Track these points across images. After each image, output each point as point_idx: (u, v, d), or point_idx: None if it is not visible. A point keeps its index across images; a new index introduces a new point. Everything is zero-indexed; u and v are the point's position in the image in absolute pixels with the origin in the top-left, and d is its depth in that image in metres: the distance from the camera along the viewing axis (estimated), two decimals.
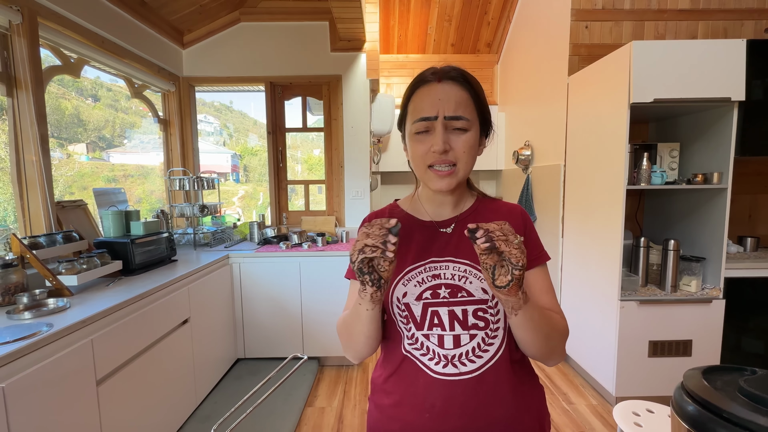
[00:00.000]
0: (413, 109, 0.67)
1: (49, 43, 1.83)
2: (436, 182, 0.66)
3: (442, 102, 0.64)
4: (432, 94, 0.65)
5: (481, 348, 0.66)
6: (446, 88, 0.65)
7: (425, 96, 0.65)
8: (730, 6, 2.34)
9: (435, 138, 0.64)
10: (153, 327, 1.60)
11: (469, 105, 0.65)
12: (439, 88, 0.65)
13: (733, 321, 1.97)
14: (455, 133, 0.65)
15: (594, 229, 2.14)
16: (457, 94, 0.65)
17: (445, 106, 0.64)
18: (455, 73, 0.66)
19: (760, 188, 2.47)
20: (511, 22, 3.36)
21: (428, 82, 0.66)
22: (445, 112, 0.63)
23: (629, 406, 1.34)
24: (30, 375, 1.03)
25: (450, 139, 0.64)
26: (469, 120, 0.65)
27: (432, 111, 0.64)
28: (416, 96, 0.67)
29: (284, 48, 2.88)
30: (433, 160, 0.65)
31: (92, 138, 2.49)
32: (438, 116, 0.64)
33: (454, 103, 0.64)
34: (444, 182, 0.66)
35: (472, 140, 0.65)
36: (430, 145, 0.64)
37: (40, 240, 1.56)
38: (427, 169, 0.66)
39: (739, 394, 0.48)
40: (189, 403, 1.90)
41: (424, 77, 0.67)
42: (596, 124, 2.10)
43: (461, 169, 0.66)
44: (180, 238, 2.68)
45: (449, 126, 0.64)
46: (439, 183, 0.66)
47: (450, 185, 0.66)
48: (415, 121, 0.66)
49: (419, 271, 0.68)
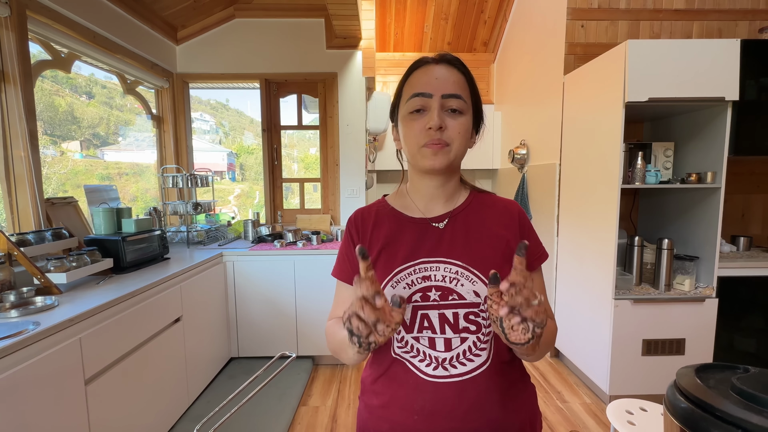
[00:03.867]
0: (409, 89, 0.66)
1: (39, 38, 1.80)
2: (429, 159, 0.64)
3: (439, 81, 0.63)
4: (429, 73, 0.65)
5: (472, 351, 0.64)
6: (443, 70, 0.65)
7: (422, 75, 0.65)
8: (725, 6, 2.35)
9: (430, 114, 0.63)
10: (144, 325, 1.58)
11: (465, 88, 0.65)
12: (437, 68, 0.65)
13: (725, 320, 1.98)
14: (450, 114, 0.64)
15: (589, 228, 2.14)
16: (454, 75, 0.65)
17: (442, 85, 0.63)
18: (451, 57, 0.67)
19: (753, 188, 2.48)
20: (508, 20, 3.36)
21: (425, 64, 0.66)
22: (443, 90, 0.63)
23: (623, 404, 1.34)
24: (16, 374, 1.01)
25: (445, 119, 0.63)
26: (465, 103, 0.64)
27: (428, 88, 0.63)
28: (412, 77, 0.67)
29: (279, 45, 2.86)
30: (427, 139, 0.63)
31: (86, 135, 2.45)
32: (434, 94, 0.63)
33: (452, 83, 0.64)
34: (437, 158, 0.64)
35: (466, 124, 0.65)
36: (425, 123, 0.63)
37: (28, 237, 1.54)
38: (421, 147, 0.64)
39: (731, 392, 0.47)
40: (181, 402, 1.88)
41: (421, 60, 0.67)
42: (591, 123, 2.10)
43: (453, 149, 0.64)
44: (173, 236, 2.65)
45: (445, 106, 0.63)
46: (432, 159, 0.64)
47: (442, 163, 0.64)
48: (410, 97, 0.65)
49: (409, 273, 0.66)
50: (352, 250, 0.72)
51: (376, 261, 0.68)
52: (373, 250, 0.69)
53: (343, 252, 0.74)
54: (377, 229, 0.71)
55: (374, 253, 0.69)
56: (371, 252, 0.70)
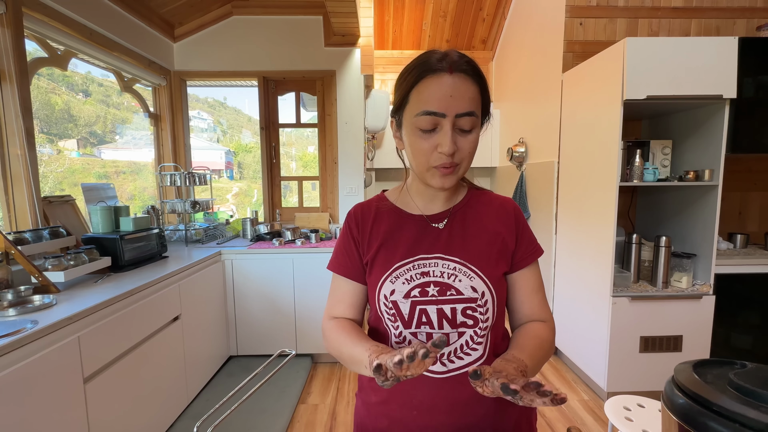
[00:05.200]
0: (418, 100, 0.60)
1: (35, 35, 1.79)
2: (438, 180, 0.63)
3: (453, 99, 0.58)
4: (442, 87, 0.59)
5: (469, 346, 0.65)
6: (458, 83, 0.59)
7: (435, 88, 0.59)
8: (723, 4, 2.36)
9: (443, 138, 0.59)
10: (142, 324, 1.57)
11: (478, 101, 0.61)
12: (450, 81, 0.59)
13: (722, 316, 1.99)
14: (461, 133, 0.61)
15: (587, 226, 2.15)
16: (469, 89, 0.59)
17: (457, 104, 0.58)
18: (467, 66, 0.60)
19: (751, 185, 2.50)
20: (506, 18, 3.35)
21: (437, 72, 0.59)
22: (457, 110, 0.59)
23: (620, 400, 1.35)
24: (14, 373, 1.01)
25: (457, 139, 0.60)
26: (478, 117, 0.62)
27: (441, 107, 0.58)
28: (422, 85, 0.60)
29: (277, 42, 2.85)
30: (438, 163, 0.61)
31: (83, 134, 2.44)
32: (447, 114, 0.58)
33: (467, 100, 0.59)
34: (447, 180, 0.63)
35: (476, 140, 0.63)
36: (436, 145, 0.60)
37: (25, 236, 1.53)
38: (431, 167, 0.62)
39: (729, 387, 0.48)
40: (180, 400, 1.88)
41: (432, 65, 0.60)
42: (590, 121, 2.10)
43: (462, 167, 0.64)
44: (171, 234, 2.65)
45: (457, 125, 0.60)
46: (442, 181, 0.63)
47: (451, 183, 0.64)
48: (420, 113, 0.60)
49: (408, 268, 0.66)
50: (351, 245, 0.72)
51: (376, 256, 0.69)
52: (372, 246, 0.70)
53: (342, 246, 0.73)
54: (377, 224, 0.71)
55: (373, 249, 0.69)
56: (370, 247, 0.70)
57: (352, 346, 0.62)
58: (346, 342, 0.64)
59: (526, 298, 0.70)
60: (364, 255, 0.71)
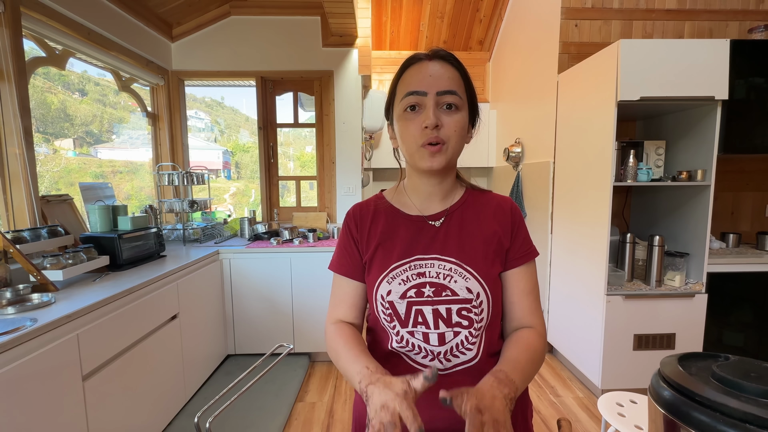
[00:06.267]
0: (402, 89, 0.65)
1: (33, 34, 1.79)
2: (427, 160, 0.64)
3: (433, 78, 0.62)
4: (422, 70, 0.64)
5: (464, 345, 0.66)
6: (437, 66, 0.64)
7: (415, 73, 0.64)
8: (716, 7, 2.39)
9: (426, 112, 0.62)
10: (141, 322, 1.58)
11: (460, 84, 0.64)
12: (430, 65, 0.64)
13: (714, 315, 2.02)
14: (446, 111, 0.63)
15: (582, 225, 2.17)
16: (449, 71, 0.64)
17: (436, 82, 0.62)
18: (444, 53, 0.65)
19: (743, 185, 2.53)
20: (503, 19, 3.38)
21: (418, 61, 0.65)
22: (437, 88, 0.62)
23: (613, 397, 1.37)
24: (13, 370, 1.02)
25: (440, 116, 0.62)
26: (461, 98, 0.64)
27: (422, 85, 0.62)
28: (406, 74, 0.65)
29: (275, 43, 2.86)
30: (424, 139, 0.63)
31: (79, 133, 2.44)
32: (429, 92, 0.62)
33: (447, 79, 0.63)
34: (435, 159, 0.63)
35: (462, 120, 0.64)
36: (421, 122, 0.62)
37: (24, 234, 1.53)
38: (420, 147, 0.63)
39: (712, 379, 0.49)
40: (178, 398, 1.89)
41: (414, 57, 0.66)
42: (585, 122, 2.13)
43: (450, 146, 0.64)
44: (169, 233, 2.65)
45: (440, 102, 0.62)
46: (431, 160, 0.64)
47: (441, 163, 0.64)
48: (405, 95, 0.64)
49: (404, 269, 0.67)
50: (352, 244, 0.73)
51: (373, 257, 0.70)
52: (370, 246, 0.70)
53: (342, 246, 0.74)
54: (375, 224, 0.72)
55: (371, 249, 0.70)
56: (369, 247, 0.71)
57: (346, 363, 0.63)
58: (341, 356, 0.65)
59: (516, 299, 0.69)
60: (363, 254, 0.71)
